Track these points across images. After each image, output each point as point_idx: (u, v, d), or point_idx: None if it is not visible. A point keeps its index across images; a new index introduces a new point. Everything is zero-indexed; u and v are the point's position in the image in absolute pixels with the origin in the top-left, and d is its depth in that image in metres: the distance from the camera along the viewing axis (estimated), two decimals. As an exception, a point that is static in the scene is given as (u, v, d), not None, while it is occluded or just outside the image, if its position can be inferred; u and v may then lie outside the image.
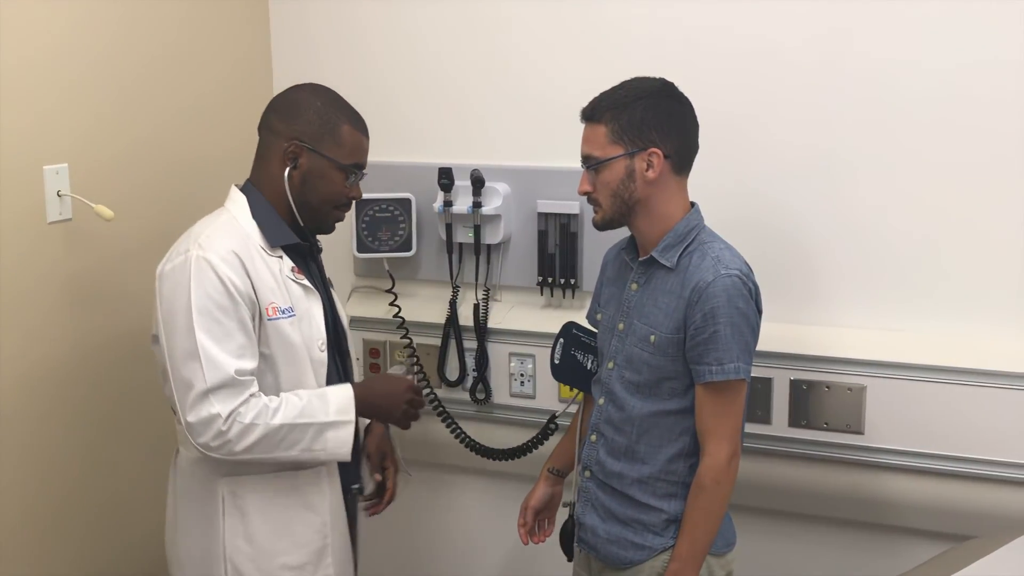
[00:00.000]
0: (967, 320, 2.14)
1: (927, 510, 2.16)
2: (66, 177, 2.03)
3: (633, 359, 1.83)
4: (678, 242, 1.80)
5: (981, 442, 2.06)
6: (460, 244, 2.46)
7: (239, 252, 1.75)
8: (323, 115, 1.83)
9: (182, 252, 1.75)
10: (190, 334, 1.69)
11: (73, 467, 2.12)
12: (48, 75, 2.00)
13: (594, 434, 1.90)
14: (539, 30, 2.38)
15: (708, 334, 1.73)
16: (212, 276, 1.71)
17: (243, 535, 1.81)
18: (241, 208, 1.84)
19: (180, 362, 1.70)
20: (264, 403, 1.73)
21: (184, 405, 1.70)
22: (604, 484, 1.88)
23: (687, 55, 2.21)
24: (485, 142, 2.43)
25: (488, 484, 2.56)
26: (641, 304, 1.83)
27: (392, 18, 2.50)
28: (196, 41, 2.38)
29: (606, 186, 1.78)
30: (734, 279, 1.74)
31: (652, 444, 1.83)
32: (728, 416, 1.77)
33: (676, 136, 1.79)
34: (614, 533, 1.87)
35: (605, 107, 1.78)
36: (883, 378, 2.11)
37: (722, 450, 1.76)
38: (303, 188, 1.83)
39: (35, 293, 2.00)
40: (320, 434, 1.77)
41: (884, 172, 2.15)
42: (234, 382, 1.70)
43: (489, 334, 2.42)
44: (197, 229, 1.81)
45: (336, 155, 1.83)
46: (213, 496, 1.81)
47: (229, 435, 1.69)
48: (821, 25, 2.14)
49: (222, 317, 1.70)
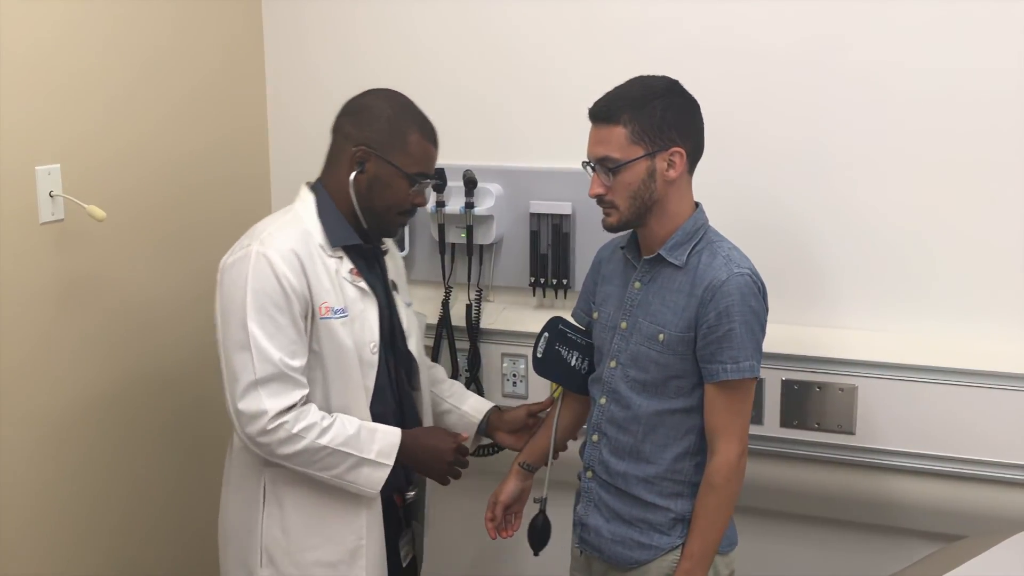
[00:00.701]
0: (958, 320, 2.15)
1: (918, 510, 2.17)
2: (58, 178, 2.03)
3: (639, 357, 1.82)
4: (686, 240, 1.80)
5: (972, 442, 2.07)
6: (453, 245, 2.46)
7: (298, 251, 1.78)
8: (393, 123, 1.84)
9: (244, 247, 1.79)
10: (243, 326, 1.73)
11: (67, 463, 2.12)
12: (40, 75, 2.00)
13: (596, 434, 1.89)
14: (532, 31, 2.38)
15: (722, 332, 1.73)
16: (269, 272, 1.74)
17: (280, 525, 1.85)
18: (307, 207, 1.86)
19: (232, 352, 1.75)
20: (316, 420, 1.77)
21: (234, 394, 1.75)
22: (608, 484, 1.87)
23: (681, 55, 2.20)
24: (477, 143, 2.43)
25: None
26: (646, 302, 1.82)
27: (384, 20, 2.51)
28: (188, 41, 2.38)
29: (626, 187, 1.76)
30: (746, 278, 1.75)
31: (658, 443, 1.82)
32: (739, 415, 1.77)
33: (693, 135, 1.79)
34: (619, 533, 1.86)
35: (622, 107, 1.75)
36: (874, 378, 2.12)
37: (732, 448, 1.76)
38: (368, 193, 1.85)
39: (28, 293, 2.00)
40: (356, 467, 1.81)
41: (877, 172, 2.16)
42: (283, 376, 1.74)
43: (481, 334, 2.42)
44: (261, 225, 1.84)
45: (402, 163, 1.83)
46: (256, 484, 1.86)
47: (273, 437, 1.74)
48: (821, 26, 2.14)
49: (275, 313, 1.74)
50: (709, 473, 1.78)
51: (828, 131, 2.17)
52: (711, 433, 1.78)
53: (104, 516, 2.22)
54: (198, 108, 2.42)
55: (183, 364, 2.42)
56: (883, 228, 2.17)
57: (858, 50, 2.13)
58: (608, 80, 2.36)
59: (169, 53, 2.32)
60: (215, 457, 2.53)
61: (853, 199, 2.17)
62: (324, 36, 2.58)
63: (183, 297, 2.41)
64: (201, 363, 2.47)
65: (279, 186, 2.70)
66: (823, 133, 2.18)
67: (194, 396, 2.46)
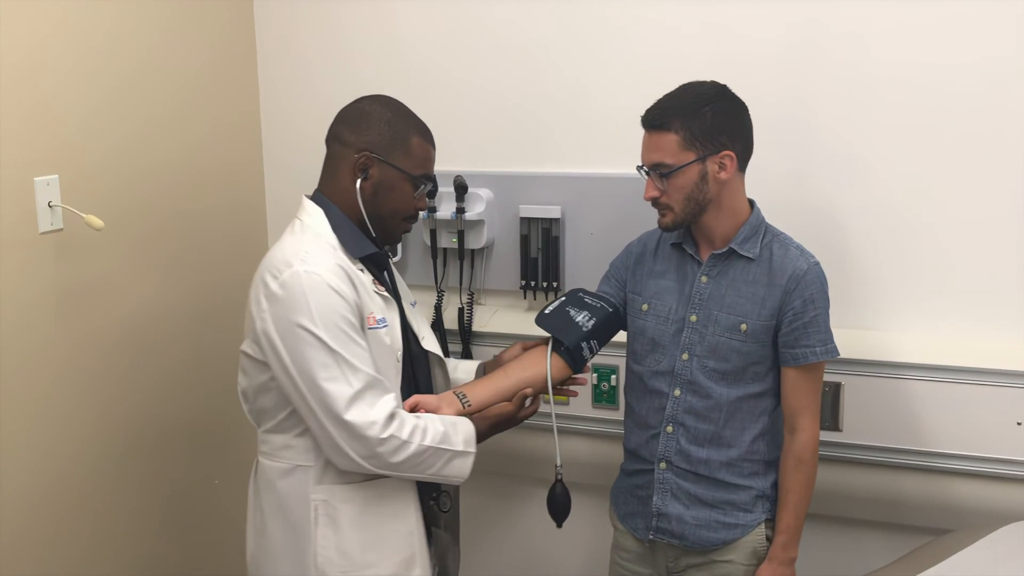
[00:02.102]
0: (942, 318, 2.19)
1: (905, 505, 2.20)
2: (57, 188, 2.05)
3: (719, 348, 1.89)
4: (754, 234, 1.91)
5: (957, 438, 2.11)
6: (444, 249, 2.49)
7: (341, 264, 1.76)
8: (393, 126, 1.83)
9: (283, 269, 1.73)
10: (321, 347, 1.70)
11: (64, 471, 2.14)
12: (34, 85, 2.02)
13: (670, 425, 1.95)
14: (522, 37, 2.41)
15: (809, 318, 1.86)
16: (326, 289, 1.72)
17: (335, 547, 1.80)
18: (320, 221, 1.82)
19: (316, 375, 1.70)
20: (414, 421, 1.76)
21: (334, 414, 1.70)
22: (687, 472, 1.95)
23: (685, 63, 2.23)
24: (468, 148, 2.46)
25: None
26: (719, 295, 1.90)
27: (375, 23, 2.53)
28: (180, 43, 2.39)
29: (680, 190, 1.84)
30: (819, 268, 1.89)
31: (736, 428, 1.92)
32: (818, 393, 1.92)
33: (743, 137, 1.87)
34: (702, 517, 1.94)
35: (672, 114, 1.82)
36: (857, 375, 2.16)
37: (815, 425, 1.91)
38: (374, 199, 1.83)
39: (28, 302, 2.02)
40: (451, 461, 1.81)
41: (875, 170, 2.19)
42: (375, 383, 1.74)
43: (474, 337, 2.45)
44: (290, 248, 1.77)
45: (406, 166, 1.83)
46: (304, 507, 1.80)
47: (387, 446, 1.72)
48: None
49: (345, 327, 1.72)
50: (797, 450, 1.90)
51: (830, 129, 2.21)
52: (793, 412, 1.90)
53: (102, 522, 2.24)
54: (191, 110, 2.44)
55: (182, 371, 2.45)
56: (869, 229, 2.21)
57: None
58: (599, 85, 2.40)
59: (161, 55, 2.33)
60: (212, 464, 2.58)
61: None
62: (316, 37, 2.60)
63: (182, 303, 2.44)
64: (200, 369, 2.51)
65: (273, 186, 2.73)
66: (823, 131, 2.21)
67: (193, 403, 2.49)
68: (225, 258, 2.59)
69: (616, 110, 2.32)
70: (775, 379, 1.92)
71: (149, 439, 2.37)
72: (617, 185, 2.32)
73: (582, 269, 2.38)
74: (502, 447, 2.16)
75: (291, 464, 1.81)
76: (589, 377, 2.32)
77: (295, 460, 1.81)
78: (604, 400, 2.38)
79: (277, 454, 1.83)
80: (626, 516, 2.06)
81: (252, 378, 1.83)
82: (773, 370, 1.92)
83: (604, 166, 2.36)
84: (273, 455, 1.84)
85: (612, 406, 2.37)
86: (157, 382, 2.38)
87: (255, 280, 1.79)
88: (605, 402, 2.37)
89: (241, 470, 2.68)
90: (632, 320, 2.02)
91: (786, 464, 1.92)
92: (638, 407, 2.02)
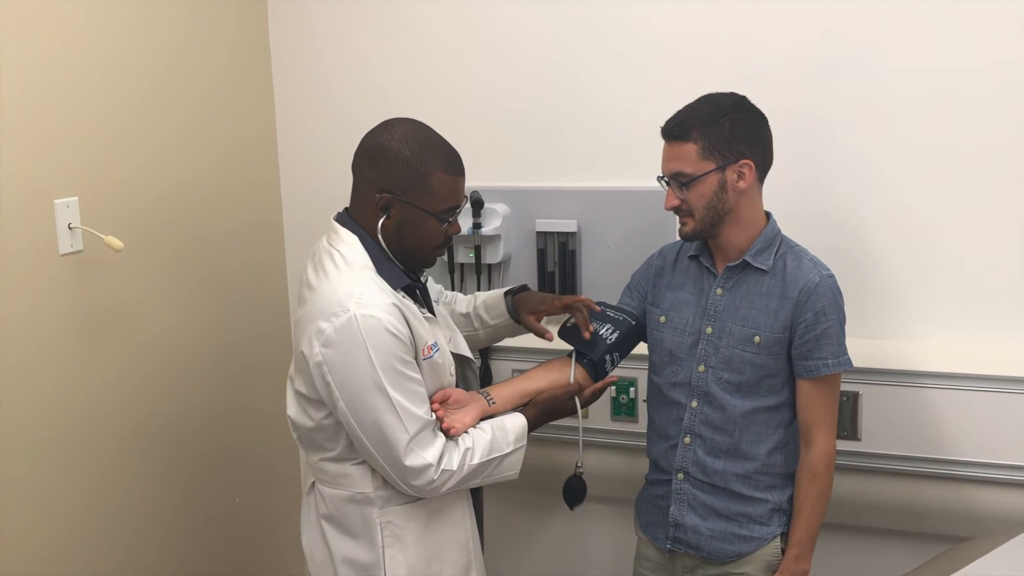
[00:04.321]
0: (960, 326, 2.21)
1: (925, 513, 2.21)
2: (76, 210, 2.06)
3: (733, 360, 1.90)
4: (768, 246, 1.91)
5: (976, 445, 2.12)
6: (461, 264, 2.50)
7: (394, 302, 1.75)
8: (412, 165, 1.76)
9: (339, 313, 1.71)
10: (380, 391, 1.72)
11: (91, 489, 2.14)
12: (54, 108, 2.02)
13: (688, 436, 1.96)
14: (538, 53, 2.42)
15: (820, 330, 1.86)
16: (383, 331, 1.71)
17: (404, 564, 1.83)
18: (357, 252, 1.80)
19: (380, 417, 1.73)
20: (464, 447, 1.81)
21: (393, 456, 1.75)
22: (703, 483, 1.96)
23: (702, 77, 2.20)
24: (483, 163, 2.46)
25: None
26: (733, 307, 1.92)
27: (391, 38, 2.54)
28: (195, 63, 2.40)
29: (699, 198, 1.86)
30: (833, 280, 1.89)
31: (752, 440, 1.92)
32: (833, 406, 1.91)
33: (761, 146, 1.88)
34: (718, 529, 1.95)
35: (691, 125, 1.84)
36: (875, 385, 2.17)
37: (831, 438, 1.91)
38: (398, 236, 1.81)
39: (50, 324, 2.03)
40: (501, 462, 1.86)
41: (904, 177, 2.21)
42: (427, 424, 1.77)
43: (492, 351, 2.46)
44: (342, 287, 1.74)
45: (428, 204, 1.78)
46: (372, 531, 1.83)
47: (440, 480, 1.78)
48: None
49: (403, 367, 1.74)
50: (811, 463, 1.90)
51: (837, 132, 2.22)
52: (808, 426, 1.90)
53: (125, 542, 2.25)
54: (208, 129, 2.45)
55: (204, 391, 2.46)
56: (882, 238, 2.23)
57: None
58: (613, 99, 2.41)
59: (176, 74, 2.34)
60: (233, 483, 2.59)
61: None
62: (331, 51, 2.61)
63: (203, 323, 2.45)
64: (221, 390, 2.52)
65: (290, 205, 2.74)
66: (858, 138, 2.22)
67: (215, 424, 2.50)
68: (244, 278, 2.61)
69: (631, 124, 2.35)
70: (791, 392, 1.93)
71: (174, 459, 2.37)
72: (632, 198, 2.34)
73: (599, 282, 2.39)
74: (526, 460, 2.17)
75: (352, 491, 1.83)
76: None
77: (355, 487, 1.83)
78: (623, 412, 2.38)
79: (336, 482, 1.85)
80: (647, 525, 2.08)
81: (305, 413, 1.83)
82: (789, 383, 1.92)
83: (619, 180, 2.38)
84: (332, 483, 1.86)
85: (631, 418, 2.38)
86: (179, 401, 2.38)
87: (305, 318, 1.77)
88: (624, 414, 2.38)
89: (264, 490, 2.71)
90: (651, 332, 2.04)
91: (801, 477, 1.92)
92: (658, 417, 2.03)
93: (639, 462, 2.16)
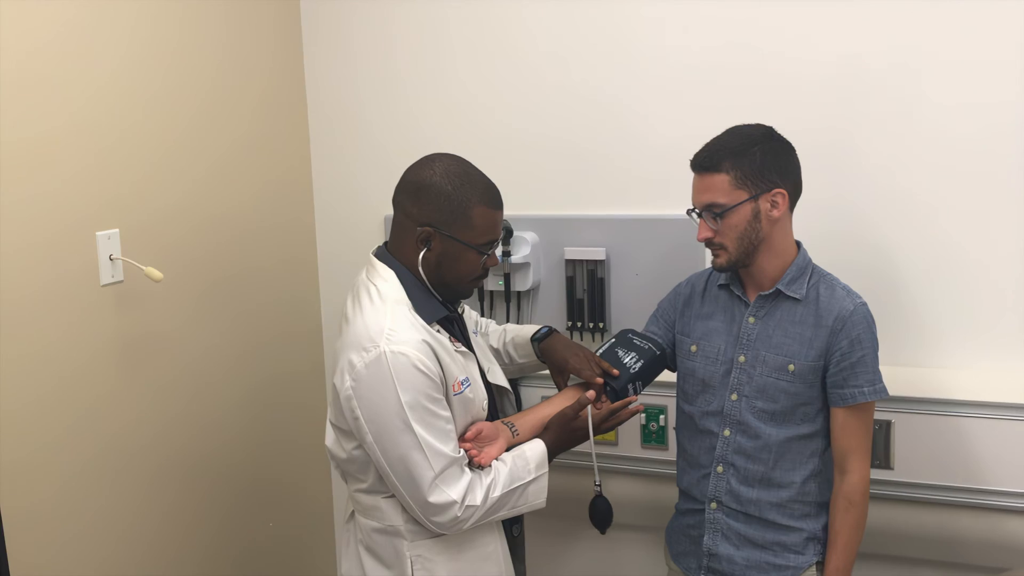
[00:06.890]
0: (995, 355, 2.19)
1: (960, 543, 2.18)
2: (117, 242, 2.11)
3: (767, 388, 1.91)
4: (801, 275, 1.92)
5: (1012, 475, 2.09)
6: (491, 292, 2.53)
7: (426, 339, 1.77)
8: (453, 200, 1.80)
9: (370, 348, 1.74)
10: (407, 429, 1.74)
11: (131, 515, 2.18)
12: (96, 142, 2.07)
13: (720, 465, 1.97)
14: (564, 82, 2.45)
15: (856, 359, 1.86)
16: (412, 368, 1.73)
17: None
18: (394, 287, 1.82)
19: (406, 453, 1.75)
20: (486, 482, 1.82)
21: (417, 493, 1.76)
22: (737, 512, 1.96)
23: (731, 106, 2.26)
24: (513, 192, 2.44)
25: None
26: (766, 336, 1.92)
27: (423, 75, 2.58)
28: (232, 97, 2.45)
29: (733, 229, 1.86)
30: (867, 308, 1.90)
31: (786, 468, 1.92)
32: (868, 434, 1.91)
33: (792, 175, 1.89)
34: (753, 558, 1.95)
35: (723, 156, 1.85)
36: (909, 413, 2.15)
37: (866, 467, 1.90)
38: (438, 269, 1.84)
39: (90, 353, 2.07)
40: (524, 491, 1.87)
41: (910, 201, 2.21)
42: (453, 461, 1.78)
43: (522, 378, 2.47)
44: (375, 322, 1.77)
45: (469, 238, 1.81)
46: (402, 564, 1.85)
47: (464, 516, 1.79)
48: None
49: (432, 406, 1.76)
50: (847, 492, 1.89)
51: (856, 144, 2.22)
52: (843, 454, 1.89)
53: (161, 570, 2.27)
54: (244, 163, 2.49)
55: (238, 421, 2.49)
56: (909, 266, 2.22)
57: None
58: (644, 129, 2.42)
59: (213, 108, 2.39)
60: (268, 512, 2.61)
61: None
62: (366, 83, 2.65)
63: (237, 352, 2.48)
64: (255, 420, 2.55)
65: (323, 236, 2.78)
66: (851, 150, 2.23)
67: (249, 452, 2.53)
68: (279, 309, 2.65)
69: (661, 152, 2.37)
70: (825, 421, 1.92)
71: (205, 487, 2.40)
72: (661, 226, 2.35)
73: (628, 309, 2.41)
74: (558, 489, 2.18)
75: (384, 524, 1.86)
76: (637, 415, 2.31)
77: (386, 520, 1.85)
78: (653, 440, 2.38)
79: (369, 513, 1.88)
80: (679, 555, 2.07)
81: (339, 443, 1.87)
82: (823, 411, 1.92)
83: (648, 208, 2.39)
84: (366, 513, 1.88)
85: (661, 446, 2.38)
86: (212, 431, 2.42)
87: (340, 349, 1.81)
88: (654, 442, 2.38)
89: (296, 519, 2.73)
90: (681, 361, 2.04)
91: (836, 506, 1.91)
92: (690, 447, 2.03)
93: (671, 490, 2.15)
